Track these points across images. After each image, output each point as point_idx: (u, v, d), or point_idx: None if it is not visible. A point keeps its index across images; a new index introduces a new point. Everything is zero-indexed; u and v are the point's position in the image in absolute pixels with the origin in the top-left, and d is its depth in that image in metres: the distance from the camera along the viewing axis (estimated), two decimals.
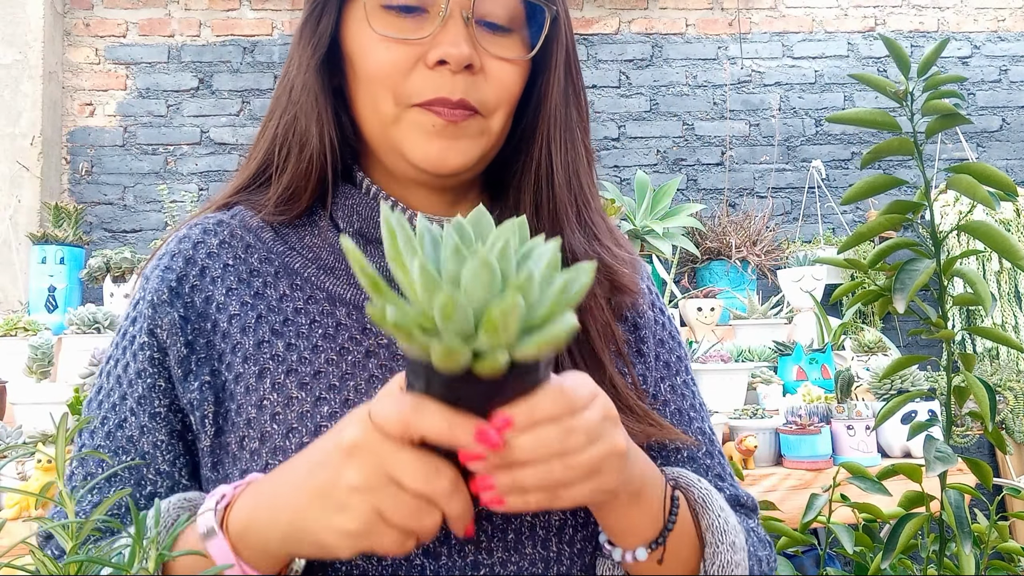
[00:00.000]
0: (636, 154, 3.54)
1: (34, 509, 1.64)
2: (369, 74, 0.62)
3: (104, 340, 2.38)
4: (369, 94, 0.63)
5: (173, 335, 0.62)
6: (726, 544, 0.59)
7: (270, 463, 0.59)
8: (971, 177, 0.75)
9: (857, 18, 3.66)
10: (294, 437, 0.59)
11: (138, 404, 0.62)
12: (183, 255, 0.65)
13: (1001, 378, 3.08)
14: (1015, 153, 3.61)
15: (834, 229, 3.50)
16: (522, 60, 0.64)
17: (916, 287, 0.73)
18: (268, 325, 0.63)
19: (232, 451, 0.61)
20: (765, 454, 2.12)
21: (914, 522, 0.77)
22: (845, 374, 2.17)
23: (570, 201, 0.67)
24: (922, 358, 0.86)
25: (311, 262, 0.66)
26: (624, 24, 3.60)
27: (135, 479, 0.62)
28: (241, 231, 0.67)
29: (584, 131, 0.69)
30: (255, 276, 0.65)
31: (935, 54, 0.78)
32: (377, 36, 0.61)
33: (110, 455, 0.62)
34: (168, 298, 0.63)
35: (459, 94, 0.60)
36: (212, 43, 3.45)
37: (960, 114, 0.75)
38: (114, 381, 0.64)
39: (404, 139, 0.63)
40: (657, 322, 0.75)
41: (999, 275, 3.20)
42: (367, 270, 0.41)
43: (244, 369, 0.62)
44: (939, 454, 0.72)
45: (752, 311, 2.79)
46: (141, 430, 0.62)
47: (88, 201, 3.32)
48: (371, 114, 0.64)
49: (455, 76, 0.60)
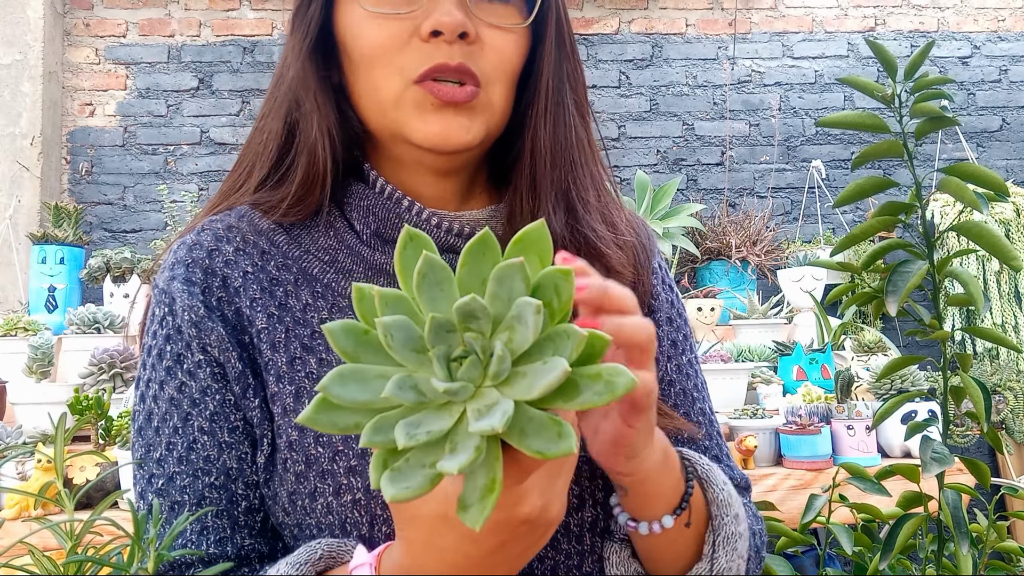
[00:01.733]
0: (636, 154, 3.54)
1: (34, 509, 1.64)
2: (364, 54, 0.61)
3: (104, 340, 2.38)
4: (367, 78, 0.62)
5: (224, 351, 0.60)
6: (730, 516, 0.59)
7: (319, 487, 0.57)
8: (959, 179, 0.76)
9: (857, 18, 3.66)
10: (341, 460, 0.57)
11: (211, 422, 0.60)
12: (200, 265, 0.62)
13: (1001, 378, 3.08)
14: (1015, 153, 3.61)
15: (834, 229, 3.50)
16: (519, 28, 0.62)
17: (909, 289, 0.73)
18: (298, 340, 0.61)
19: (278, 472, 0.59)
20: (765, 454, 2.12)
21: (912, 522, 0.77)
22: (845, 374, 2.17)
23: (556, 178, 0.65)
24: (919, 358, 0.86)
25: (329, 266, 0.64)
26: (624, 24, 3.60)
27: (226, 498, 0.60)
28: (253, 236, 0.65)
29: (579, 106, 0.67)
30: (276, 285, 0.63)
31: (921, 56, 0.78)
32: (368, 13, 0.60)
33: (189, 480, 0.59)
34: (206, 313, 0.60)
35: (457, 59, 0.59)
36: (212, 43, 3.45)
37: (947, 116, 0.75)
38: (167, 404, 0.61)
39: (405, 120, 0.61)
40: (667, 300, 0.74)
41: (999, 275, 3.20)
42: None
43: (279, 388, 0.60)
44: (935, 455, 0.72)
45: (752, 311, 2.79)
46: (220, 447, 0.60)
47: (88, 201, 3.32)
48: (371, 100, 0.63)
49: (451, 46, 0.58)
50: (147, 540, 0.47)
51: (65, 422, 0.54)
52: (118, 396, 2.03)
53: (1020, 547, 0.90)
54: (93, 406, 1.79)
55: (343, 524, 0.57)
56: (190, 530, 0.59)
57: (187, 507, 0.59)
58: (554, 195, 0.65)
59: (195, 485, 0.59)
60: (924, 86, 0.77)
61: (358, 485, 0.57)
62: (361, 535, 0.57)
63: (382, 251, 0.65)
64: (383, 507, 0.57)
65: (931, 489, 0.82)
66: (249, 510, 0.60)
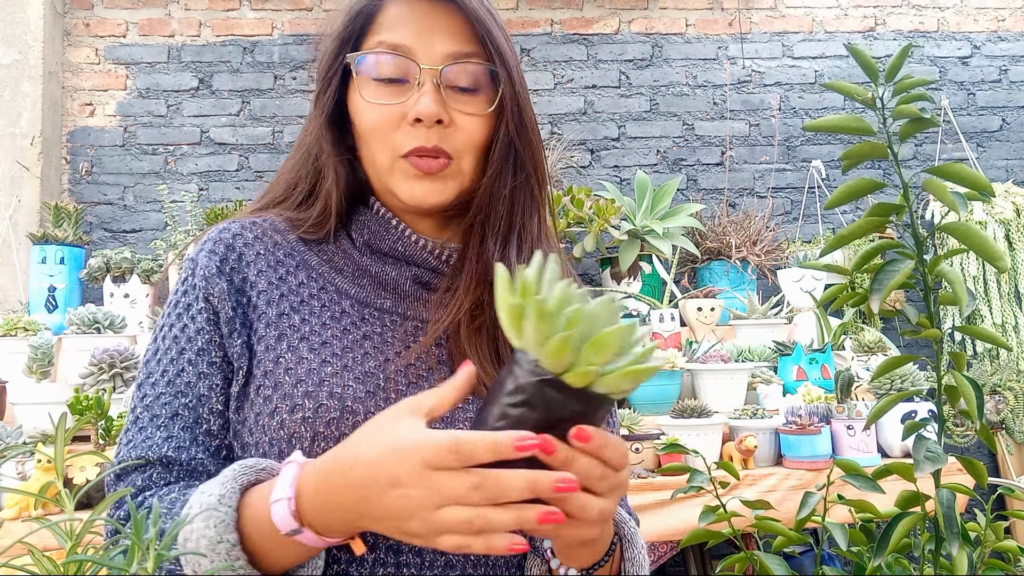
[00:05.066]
0: (636, 154, 3.54)
1: (34, 509, 1.64)
2: (365, 131, 0.80)
3: (104, 340, 2.38)
4: (367, 148, 0.81)
5: (223, 300, 0.77)
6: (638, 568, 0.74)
7: (279, 406, 0.72)
8: (944, 179, 0.76)
9: (857, 18, 3.66)
10: (301, 387, 0.73)
11: (197, 355, 0.76)
12: (224, 242, 0.80)
13: (1001, 378, 3.08)
14: (1015, 153, 3.62)
15: (834, 229, 3.50)
16: (484, 114, 0.79)
17: (891, 287, 0.74)
18: (288, 302, 0.79)
19: (250, 397, 0.75)
20: (765, 454, 2.13)
21: (907, 521, 0.77)
22: (845, 374, 2.17)
23: (506, 226, 0.83)
24: (914, 357, 0.86)
25: (325, 262, 0.83)
26: (624, 24, 3.60)
27: (193, 417, 0.75)
28: (272, 233, 0.83)
29: (534, 162, 0.84)
30: (280, 265, 0.81)
31: (900, 59, 0.79)
32: (369, 103, 0.78)
33: (170, 398, 0.75)
34: (216, 272, 0.78)
35: (433, 142, 0.77)
36: (212, 43, 3.45)
37: (928, 118, 0.76)
38: (171, 341, 0.78)
39: (395, 184, 0.79)
40: None
41: (999, 275, 3.20)
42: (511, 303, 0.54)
43: (266, 333, 0.77)
44: (929, 454, 0.72)
45: (752, 311, 2.79)
46: (199, 376, 0.76)
47: (88, 201, 3.32)
48: (370, 164, 0.82)
49: (429, 130, 0.77)
50: (147, 540, 0.47)
51: (65, 422, 0.55)
52: (118, 396, 2.03)
53: (1019, 547, 0.91)
54: (93, 406, 1.79)
55: (290, 438, 0.71)
56: (158, 435, 0.74)
57: (162, 419, 0.74)
58: (496, 234, 0.83)
59: (173, 403, 0.75)
60: (904, 88, 0.78)
61: (309, 406, 0.72)
62: (303, 448, 0.70)
63: (369, 257, 0.84)
64: (325, 425, 0.71)
65: (930, 489, 0.82)
66: (208, 432, 0.76)
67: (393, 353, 0.77)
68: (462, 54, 0.78)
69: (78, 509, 0.55)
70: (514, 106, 0.81)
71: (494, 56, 0.79)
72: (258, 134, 3.42)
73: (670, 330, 2.61)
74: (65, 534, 0.50)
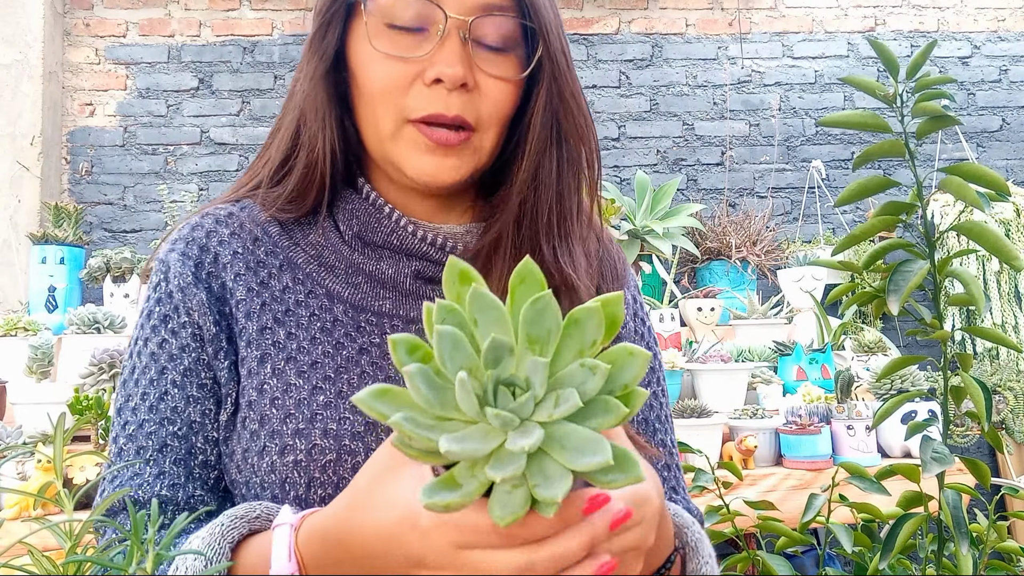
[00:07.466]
0: (636, 154, 3.54)
1: (33, 509, 1.64)
2: (370, 89, 0.66)
3: (104, 340, 2.38)
4: (370, 109, 0.67)
5: (203, 315, 0.66)
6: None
7: (267, 445, 0.62)
8: (961, 178, 0.76)
9: (857, 18, 3.66)
10: (291, 423, 0.62)
11: (183, 376, 0.66)
12: (197, 243, 0.69)
13: (1001, 378, 3.08)
14: (1015, 153, 3.61)
15: (834, 229, 3.50)
16: (515, 79, 0.67)
17: (910, 288, 0.73)
18: (271, 313, 0.67)
19: (236, 429, 0.65)
20: (765, 454, 2.12)
21: (912, 522, 0.77)
22: (845, 374, 2.17)
23: (550, 217, 0.69)
24: (920, 358, 0.86)
25: (313, 259, 0.71)
26: (624, 24, 3.60)
27: (185, 448, 0.65)
28: (250, 224, 0.71)
29: (580, 140, 0.70)
30: (261, 266, 0.69)
31: (923, 56, 0.78)
32: (378, 53, 0.64)
33: (155, 426, 0.65)
34: (193, 281, 0.67)
35: (454, 110, 0.64)
36: (212, 43, 3.45)
37: (949, 115, 0.76)
38: (148, 359, 0.67)
39: (400, 154, 0.66)
40: (637, 332, 0.78)
41: (999, 275, 3.19)
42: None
43: (247, 353, 0.66)
44: (935, 455, 0.72)
45: (752, 311, 2.79)
46: (187, 400, 0.66)
47: (88, 201, 3.32)
48: (371, 128, 0.67)
49: (450, 93, 0.63)
50: (146, 540, 0.47)
51: (65, 422, 0.54)
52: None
53: (1020, 547, 0.90)
54: (93, 406, 1.79)
55: (283, 483, 0.62)
56: (147, 472, 0.64)
57: (150, 452, 0.64)
58: (552, 231, 0.70)
59: (160, 432, 0.65)
60: (926, 85, 0.77)
61: (301, 447, 0.62)
62: (298, 496, 0.61)
63: (361, 252, 0.71)
64: (320, 470, 0.61)
65: (931, 489, 0.82)
66: (204, 464, 0.66)
67: (395, 370, 0.62)
68: (496, 6, 0.64)
69: (78, 509, 0.55)
70: (554, 71, 0.67)
71: (529, 11, 0.65)
72: (258, 134, 3.42)
73: (670, 330, 2.61)
74: (65, 534, 0.50)
